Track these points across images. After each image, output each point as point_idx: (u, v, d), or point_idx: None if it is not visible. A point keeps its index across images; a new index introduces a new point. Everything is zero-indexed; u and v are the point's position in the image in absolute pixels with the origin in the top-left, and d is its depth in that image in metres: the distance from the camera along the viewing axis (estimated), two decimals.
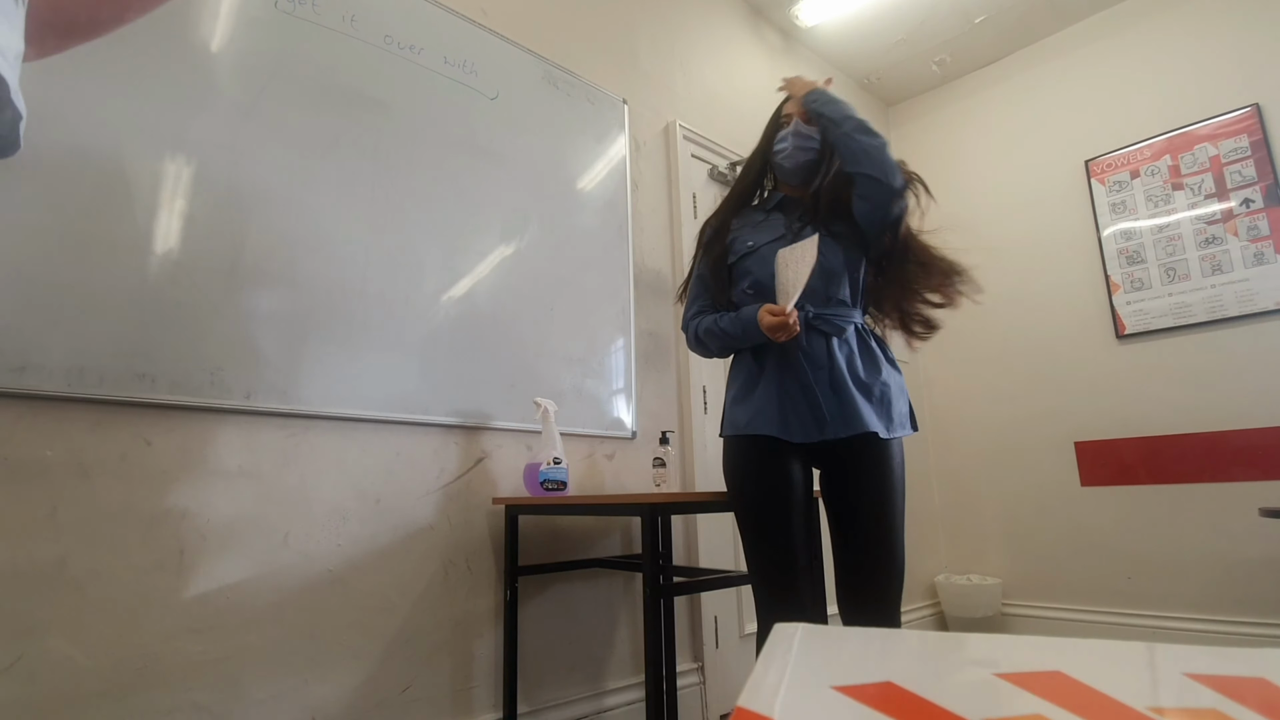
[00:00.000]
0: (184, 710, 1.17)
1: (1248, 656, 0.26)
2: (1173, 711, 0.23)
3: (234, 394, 1.30)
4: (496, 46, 1.90)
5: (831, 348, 1.27)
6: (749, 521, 1.28)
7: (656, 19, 2.49)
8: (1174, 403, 2.64)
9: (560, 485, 1.59)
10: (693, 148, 2.47)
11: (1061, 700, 0.23)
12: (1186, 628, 2.50)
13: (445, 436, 1.61)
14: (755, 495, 1.27)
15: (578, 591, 1.81)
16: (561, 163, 2.00)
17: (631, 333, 2.07)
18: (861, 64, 3.38)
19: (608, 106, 2.18)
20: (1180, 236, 2.71)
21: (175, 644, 1.19)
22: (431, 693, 1.48)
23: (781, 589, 1.24)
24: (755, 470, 1.27)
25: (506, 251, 1.81)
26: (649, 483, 1.97)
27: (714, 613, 2.10)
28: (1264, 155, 2.55)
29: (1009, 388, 3.11)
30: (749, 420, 1.28)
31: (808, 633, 0.31)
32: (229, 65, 1.40)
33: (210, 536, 1.25)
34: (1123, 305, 2.81)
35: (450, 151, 1.74)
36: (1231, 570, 2.44)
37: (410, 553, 1.50)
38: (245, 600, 1.27)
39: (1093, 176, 2.95)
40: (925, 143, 3.58)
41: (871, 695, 0.25)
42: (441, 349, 1.62)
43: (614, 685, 1.82)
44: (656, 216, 2.30)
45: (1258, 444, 2.44)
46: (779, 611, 1.23)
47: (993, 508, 3.10)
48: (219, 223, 1.33)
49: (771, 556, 1.25)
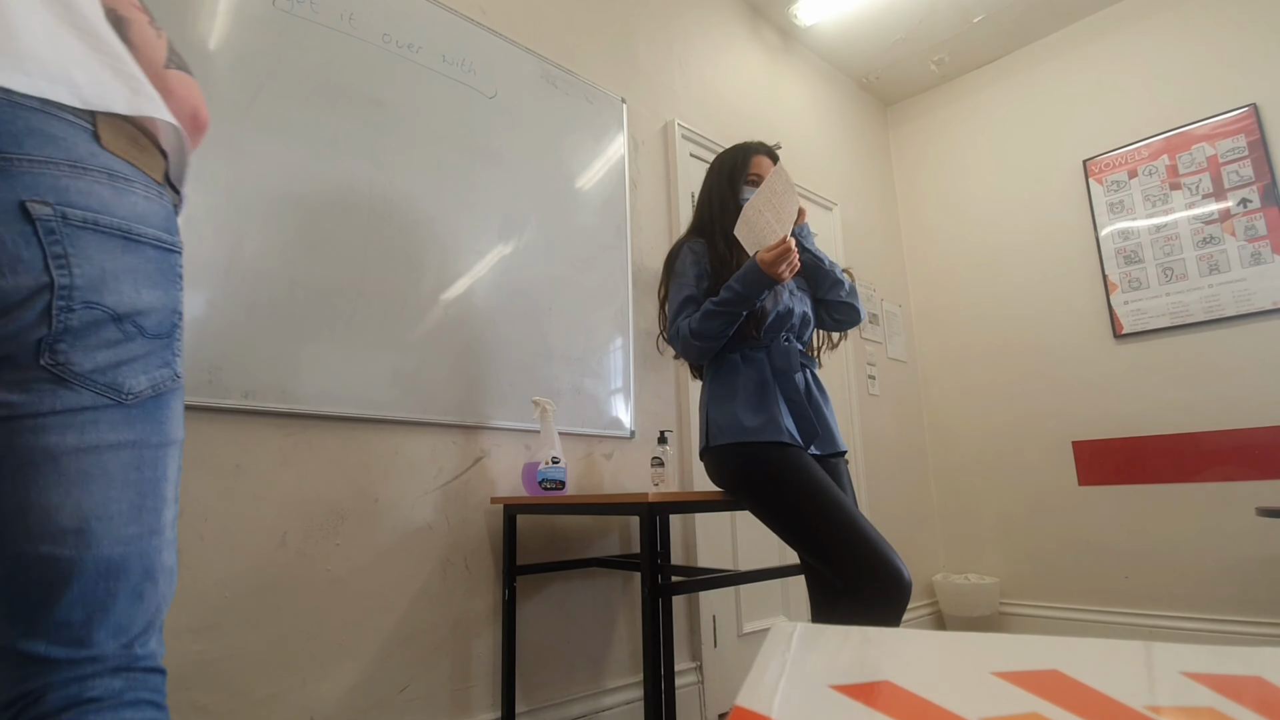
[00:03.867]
0: (183, 710, 1.17)
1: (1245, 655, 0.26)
2: (1170, 710, 0.23)
3: (232, 393, 1.29)
4: (495, 45, 1.90)
5: (806, 378, 1.45)
6: (806, 488, 1.27)
7: (655, 18, 2.49)
8: (1171, 402, 2.65)
9: (558, 485, 1.59)
10: (691, 147, 2.47)
11: (1059, 699, 0.23)
12: (1184, 627, 2.51)
13: (443, 436, 1.61)
14: (802, 472, 1.29)
15: (576, 591, 1.81)
16: (560, 162, 2.00)
17: (630, 332, 2.07)
18: (860, 63, 3.38)
19: (606, 105, 2.18)
20: (1178, 236, 2.71)
21: (174, 644, 1.18)
22: (430, 692, 1.48)
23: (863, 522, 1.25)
24: (788, 458, 1.32)
25: (505, 250, 1.81)
26: (647, 482, 1.97)
27: (712, 612, 2.10)
28: (1261, 155, 2.55)
29: (1006, 387, 3.12)
30: (761, 426, 1.35)
31: (806, 631, 0.31)
32: (227, 64, 1.40)
33: (208, 536, 1.25)
34: (1120, 305, 2.81)
35: (448, 150, 1.73)
36: (1228, 569, 2.45)
37: (408, 552, 1.50)
38: (243, 600, 1.27)
39: (1090, 176, 2.96)
40: (923, 142, 3.58)
41: (869, 694, 0.25)
42: (440, 348, 1.62)
43: (612, 684, 1.82)
44: (655, 216, 2.30)
45: (1255, 443, 2.45)
46: (874, 537, 1.22)
47: (990, 507, 3.11)
48: (217, 222, 1.33)
49: (841, 500, 1.26)
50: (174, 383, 0.64)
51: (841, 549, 1.22)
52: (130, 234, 0.59)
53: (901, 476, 3.11)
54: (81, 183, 0.56)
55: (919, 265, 3.54)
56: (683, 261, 1.50)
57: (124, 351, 0.59)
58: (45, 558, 0.55)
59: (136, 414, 0.60)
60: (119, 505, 0.58)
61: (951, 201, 3.44)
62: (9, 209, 0.51)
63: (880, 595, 1.17)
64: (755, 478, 1.34)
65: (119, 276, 0.58)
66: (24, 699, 0.55)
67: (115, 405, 0.58)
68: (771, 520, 1.33)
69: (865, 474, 2.85)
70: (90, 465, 0.57)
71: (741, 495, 1.38)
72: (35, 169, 0.53)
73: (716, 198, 1.53)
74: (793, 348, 1.43)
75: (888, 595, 1.16)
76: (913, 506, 3.14)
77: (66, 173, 0.55)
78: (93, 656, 0.57)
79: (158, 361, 0.62)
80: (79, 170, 0.56)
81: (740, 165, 1.53)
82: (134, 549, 0.59)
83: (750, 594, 2.25)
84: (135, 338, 0.59)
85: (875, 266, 3.32)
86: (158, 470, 0.62)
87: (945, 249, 3.44)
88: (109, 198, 0.57)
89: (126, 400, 0.59)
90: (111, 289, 0.57)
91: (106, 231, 0.57)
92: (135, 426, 0.60)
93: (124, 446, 0.59)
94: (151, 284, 0.61)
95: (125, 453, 0.59)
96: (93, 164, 0.57)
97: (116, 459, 0.58)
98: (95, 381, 0.57)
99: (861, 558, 1.19)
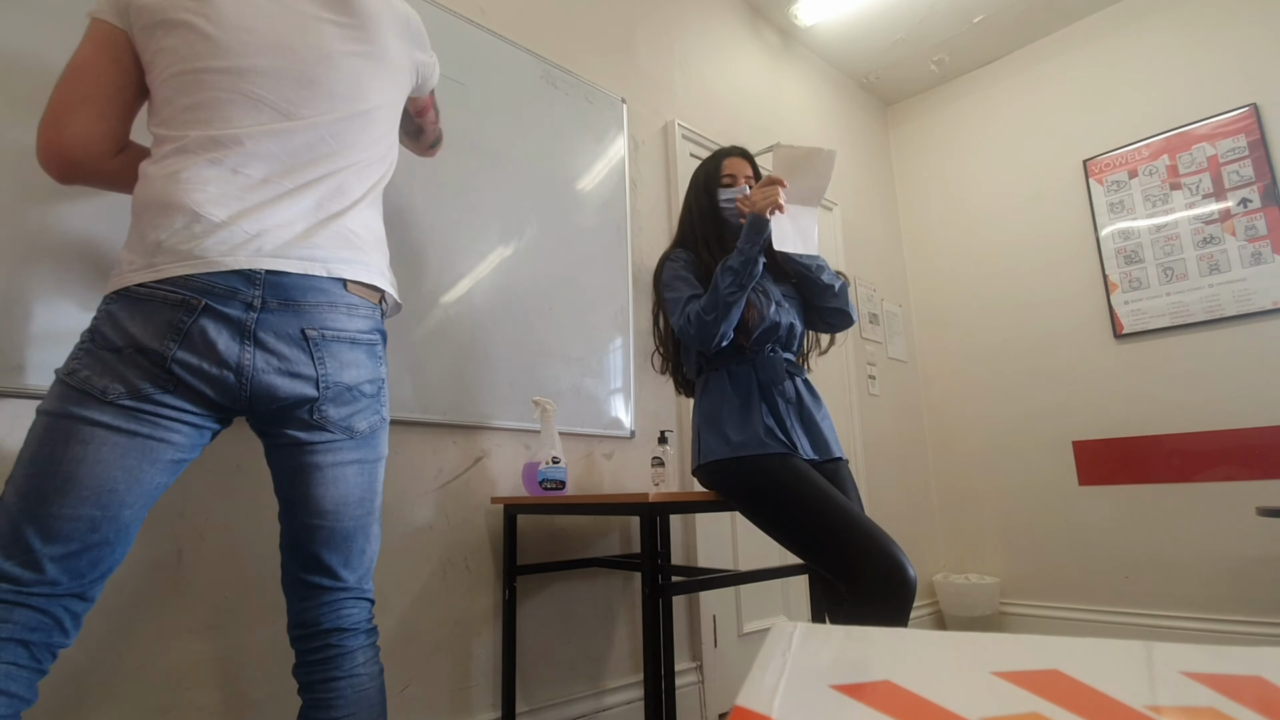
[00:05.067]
0: (183, 710, 1.17)
1: (1245, 655, 0.26)
2: (1170, 710, 0.23)
3: None
4: (495, 45, 1.90)
5: (796, 386, 1.46)
6: (800, 495, 1.27)
7: (655, 18, 2.49)
8: (1172, 402, 2.65)
9: (559, 485, 1.59)
10: (691, 147, 2.47)
11: (1059, 699, 0.23)
12: (1184, 627, 2.51)
13: (444, 436, 1.61)
14: (795, 479, 1.29)
15: (576, 591, 1.81)
16: (560, 162, 2.00)
17: (630, 332, 2.07)
18: (860, 63, 3.38)
19: (606, 105, 2.18)
20: (1178, 236, 2.71)
21: (174, 644, 1.18)
22: (430, 692, 1.48)
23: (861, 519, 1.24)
24: (779, 467, 1.32)
25: (505, 251, 1.80)
26: (647, 482, 1.97)
27: (712, 612, 2.10)
28: (1261, 155, 2.55)
29: (1007, 387, 3.12)
30: (747, 440, 1.35)
31: (806, 631, 0.31)
32: None
33: (209, 536, 1.25)
34: (1120, 305, 2.81)
35: (448, 150, 1.73)
36: (1229, 569, 2.45)
37: (409, 552, 1.50)
38: (244, 600, 1.27)
39: (1091, 176, 2.96)
40: (923, 142, 3.58)
41: (870, 694, 0.25)
42: (440, 348, 1.62)
43: (612, 684, 1.82)
44: (655, 216, 2.30)
45: (1255, 443, 2.45)
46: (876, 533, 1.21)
47: (991, 507, 3.10)
48: None
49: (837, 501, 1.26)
50: (383, 424, 0.98)
51: (843, 550, 1.21)
52: (356, 341, 0.93)
53: (902, 476, 3.11)
54: (331, 314, 0.90)
55: (919, 265, 3.54)
56: (670, 272, 1.52)
57: (354, 407, 0.93)
58: (314, 526, 0.91)
59: (362, 443, 0.95)
60: (354, 497, 0.93)
61: (952, 201, 3.44)
62: (297, 333, 0.87)
63: (885, 591, 1.16)
64: (749, 491, 1.34)
65: (349, 366, 0.92)
66: (304, 625, 0.91)
67: (350, 438, 0.93)
68: (772, 531, 1.33)
69: (865, 474, 2.85)
70: (338, 474, 0.92)
71: (739, 509, 1.39)
72: (308, 310, 0.88)
73: (695, 208, 1.56)
74: (778, 358, 1.44)
75: (893, 590, 1.16)
76: (913, 506, 3.14)
77: (324, 309, 0.89)
78: (344, 586, 0.93)
79: (371, 411, 0.96)
80: (332, 306, 0.90)
81: (714, 171, 1.56)
82: (360, 523, 0.94)
83: (750, 594, 2.25)
84: (360, 399, 0.94)
85: (875, 266, 3.32)
86: (374, 477, 0.97)
87: (945, 249, 3.44)
88: (345, 319, 0.92)
89: (356, 436, 0.93)
90: (348, 374, 0.92)
91: (343, 340, 0.91)
92: (361, 450, 0.94)
93: (356, 463, 0.94)
94: (365, 367, 0.94)
95: (356, 466, 0.94)
96: (340, 300, 0.91)
97: (353, 469, 0.93)
98: (340, 426, 0.92)
99: (864, 555, 1.19)
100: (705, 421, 1.45)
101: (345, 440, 0.92)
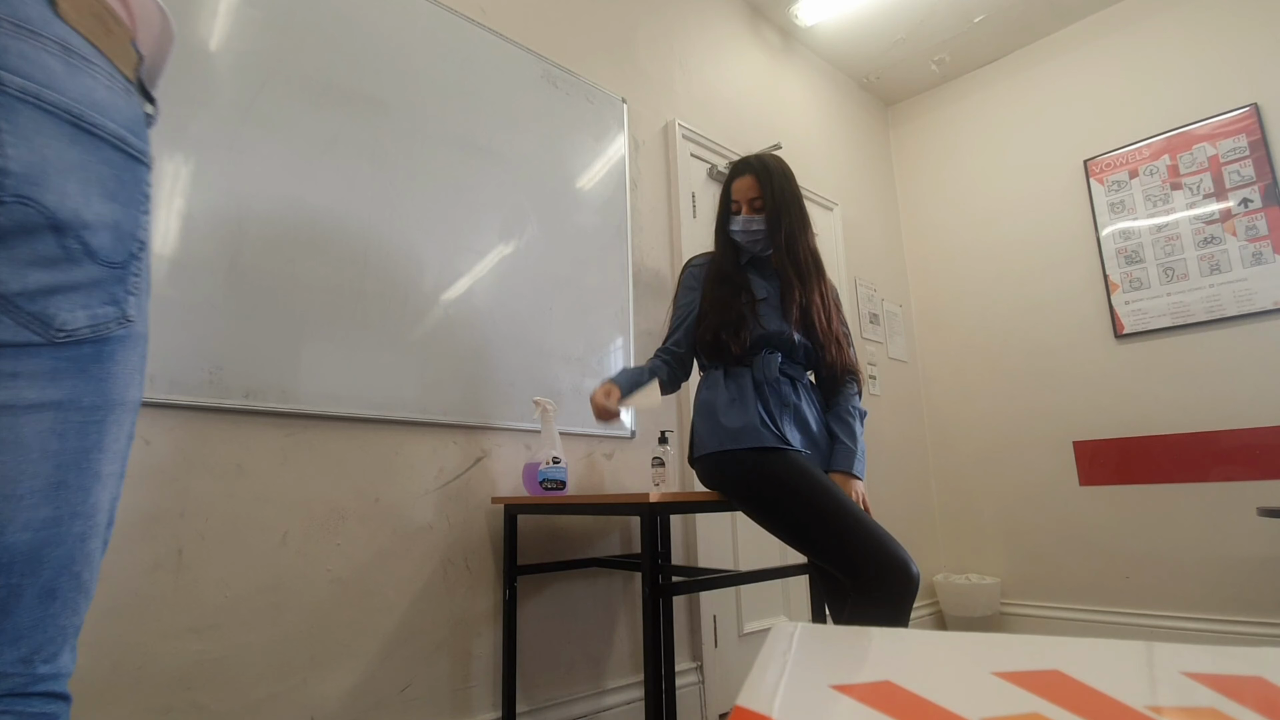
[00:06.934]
0: (183, 710, 1.17)
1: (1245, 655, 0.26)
2: (1171, 710, 0.23)
3: (233, 393, 1.30)
4: (495, 45, 1.90)
5: (796, 389, 1.48)
6: (799, 488, 1.29)
7: (656, 18, 2.49)
8: (1172, 402, 2.65)
9: (559, 485, 1.59)
10: (692, 147, 2.47)
11: (1059, 699, 0.23)
12: (1184, 627, 2.51)
13: (444, 436, 1.61)
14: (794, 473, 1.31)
15: (577, 591, 1.81)
16: (560, 162, 2.00)
17: (630, 332, 2.07)
18: (860, 63, 3.38)
19: (606, 105, 2.18)
20: (1179, 236, 2.71)
21: (174, 644, 1.19)
22: (430, 692, 1.48)
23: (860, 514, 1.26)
24: (776, 462, 1.34)
25: (505, 250, 1.80)
26: (648, 482, 1.97)
27: (713, 612, 2.10)
28: (1262, 155, 2.55)
29: (1007, 387, 3.12)
30: (740, 431, 1.38)
31: (806, 631, 0.31)
32: (227, 64, 1.40)
33: (209, 536, 1.25)
34: (1121, 305, 2.81)
35: (448, 150, 1.73)
36: (1229, 570, 2.45)
37: (409, 552, 1.50)
38: (244, 600, 1.27)
39: (1091, 176, 2.95)
40: (924, 142, 3.58)
41: (870, 694, 0.25)
42: (440, 348, 1.62)
43: (613, 684, 1.82)
44: (655, 216, 2.30)
45: (1256, 443, 2.45)
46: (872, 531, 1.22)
47: (991, 507, 3.10)
48: (217, 221, 1.33)
49: (838, 497, 1.27)
50: (122, 327, 0.50)
51: (845, 546, 1.21)
52: (83, 122, 0.47)
53: (902, 476, 3.11)
54: (26, 46, 0.44)
55: (920, 265, 3.54)
56: (682, 282, 1.63)
57: (61, 274, 0.45)
58: None
59: (66, 364, 0.47)
60: (31, 481, 0.45)
61: (952, 201, 3.44)
62: None
63: (887, 588, 1.17)
64: (747, 485, 1.35)
65: (64, 173, 0.45)
66: None
67: (41, 345, 0.45)
68: (771, 525, 1.34)
69: (865, 474, 2.84)
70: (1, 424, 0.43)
71: (736, 503, 1.40)
72: None
73: (718, 221, 1.62)
74: (774, 359, 1.46)
75: (895, 588, 1.16)
76: (913, 506, 3.14)
77: (9, 32, 0.43)
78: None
79: (103, 296, 0.48)
80: (25, 33, 0.44)
81: (725, 195, 1.58)
82: (46, 535, 0.46)
83: (751, 594, 2.25)
84: (79, 260, 0.46)
85: (876, 266, 3.32)
86: (87, 439, 0.48)
87: (946, 249, 3.44)
88: (60, 72, 0.45)
89: (56, 339, 0.45)
90: (54, 186, 0.44)
91: (52, 112, 0.45)
92: (62, 382, 0.46)
93: (45, 407, 0.46)
94: (106, 194, 0.48)
95: (46, 414, 0.46)
96: (45, 31, 0.45)
97: (33, 422, 0.45)
98: (20, 308, 0.43)
99: (866, 553, 1.19)
100: (700, 414, 1.50)
101: (29, 346, 0.45)
